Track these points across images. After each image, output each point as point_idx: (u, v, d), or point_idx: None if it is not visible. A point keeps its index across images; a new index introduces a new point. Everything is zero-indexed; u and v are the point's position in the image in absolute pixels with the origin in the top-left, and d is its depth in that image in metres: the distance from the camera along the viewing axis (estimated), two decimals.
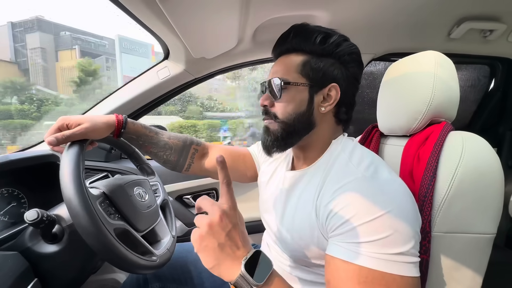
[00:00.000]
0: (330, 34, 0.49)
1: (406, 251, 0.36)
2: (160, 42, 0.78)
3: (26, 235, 0.52)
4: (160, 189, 0.74)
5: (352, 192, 0.40)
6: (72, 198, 0.43)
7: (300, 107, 0.49)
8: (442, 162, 0.47)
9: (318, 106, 0.50)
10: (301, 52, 0.50)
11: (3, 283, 0.44)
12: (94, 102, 0.95)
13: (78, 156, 0.48)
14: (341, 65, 0.50)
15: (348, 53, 0.49)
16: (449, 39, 0.91)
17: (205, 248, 0.36)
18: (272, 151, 0.53)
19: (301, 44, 0.50)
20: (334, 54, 0.49)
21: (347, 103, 0.51)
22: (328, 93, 0.49)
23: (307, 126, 0.50)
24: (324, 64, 0.49)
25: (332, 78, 0.49)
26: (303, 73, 0.49)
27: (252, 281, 0.34)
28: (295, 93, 0.49)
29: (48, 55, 30.30)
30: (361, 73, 0.54)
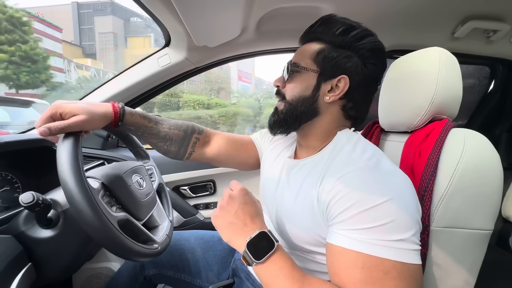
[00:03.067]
0: (354, 27, 0.49)
1: (407, 238, 0.37)
2: (161, 28, 0.76)
3: (21, 219, 0.51)
4: (155, 173, 0.73)
5: (354, 180, 0.41)
6: (75, 194, 0.41)
7: (305, 92, 0.50)
8: (443, 157, 0.48)
9: (324, 95, 0.50)
10: (321, 41, 0.51)
11: None
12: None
13: (75, 147, 0.45)
14: (358, 59, 0.49)
15: (368, 48, 0.49)
16: (452, 38, 0.91)
17: (219, 226, 0.46)
18: (275, 130, 0.55)
19: (322, 34, 0.51)
20: (353, 47, 0.49)
21: (356, 99, 0.51)
22: (337, 84, 0.49)
23: (310, 112, 0.51)
24: (338, 55, 0.49)
25: (343, 70, 0.49)
26: (316, 61, 0.50)
27: (252, 258, 0.40)
28: (304, 77, 0.51)
29: (118, 41, 27.96)
30: (381, 72, 0.53)
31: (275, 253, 0.41)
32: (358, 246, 0.37)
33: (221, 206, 0.47)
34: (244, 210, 0.45)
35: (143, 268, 0.75)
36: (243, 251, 0.41)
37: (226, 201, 0.47)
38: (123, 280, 0.75)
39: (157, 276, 0.75)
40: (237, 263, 0.69)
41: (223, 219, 0.46)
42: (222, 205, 0.47)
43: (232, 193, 0.48)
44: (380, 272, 0.36)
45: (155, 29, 29.61)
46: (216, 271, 0.72)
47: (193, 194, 1.12)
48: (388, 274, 0.36)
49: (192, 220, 1.07)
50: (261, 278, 0.41)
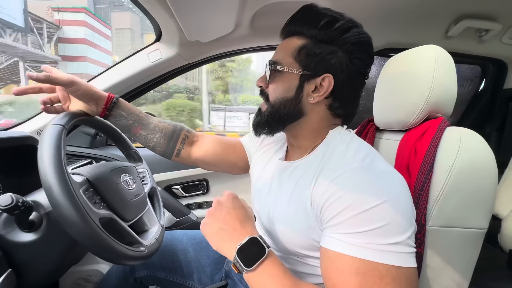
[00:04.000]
0: (337, 19, 0.45)
1: (402, 241, 0.36)
2: (152, 22, 0.74)
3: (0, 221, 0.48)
4: (147, 177, 0.70)
5: (347, 182, 0.39)
6: (53, 185, 0.39)
7: (288, 93, 0.48)
8: (439, 156, 0.47)
9: (308, 95, 0.47)
10: (302, 36, 0.47)
11: None
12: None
13: (58, 139, 0.44)
14: (343, 54, 0.46)
15: (353, 42, 0.45)
16: (446, 37, 0.91)
17: (208, 234, 0.44)
18: (259, 132, 0.53)
19: (303, 27, 0.47)
20: (337, 41, 0.45)
21: (342, 97, 0.48)
22: (321, 83, 0.46)
23: (294, 113, 0.48)
24: (321, 51, 0.45)
25: (327, 68, 0.45)
26: (297, 59, 0.47)
27: (242, 266, 0.39)
28: (285, 78, 0.48)
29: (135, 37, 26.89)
30: (368, 66, 0.49)
31: (266, 259, 0.39)
32: (352, 251, 0.36)
33: (209, 213, 0.46)
34: (232, 215, 0.44)
35: (134, 270, 0.72)
36: (233, 258, 0.40)
37: (214, 207, 0.46)
38: (113, 282, 0.73)
39: (148, 278, 0.73)
40: (230, 264, 0.67)
41: (212, 226, 0.44)
42: (211, 212, 0.46)
43: (220, 199, 0.47)
44: (375, 277, 0.35)
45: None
46: (209, 273, 0.70)
47: (185, 193, 1.10)
48: (383, 279, 0.35)
49: (184, 220, 1.05)
50: (252, 286, 0.40)
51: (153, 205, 0.68)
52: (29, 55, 13.15)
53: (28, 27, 12.83)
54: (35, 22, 13.88)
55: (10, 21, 12.03)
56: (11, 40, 12.04)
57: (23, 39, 12.72)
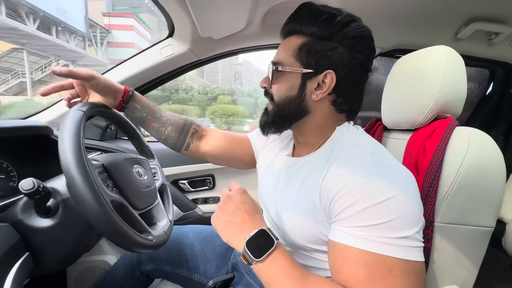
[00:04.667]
0: (335, 15, 0.45)
1: (410, 235, 0.37)
2: (166, 17, 0.75)
3: (18, 207, 0.49)
4: (159, 173, 0.72)
5: (357, 177, 0.40)
6: (71, 163, 0.41)
7: (291, 92, 0.48)
8: (448, 155, 0.48)
9: (311, 93, 0.48)
10: (302, 34, 0.48)
11: None
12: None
13: (79, 121, 0.46)
14: (344, 49, 0.45)
15: (353, 36, 0.45)
16: (455, 39, 0.91)
17: (218, 226, 0.45)
18: (266, 131, 0.54)
19: (301, 26, 0.47)
20: (337, 37, 0.45)
21: (346, 92, 0.48)
22: (323, 80, 0.46)
23: (299, 111, 0.49)
24: (322, 48, 0.46)
25: (328, 64, 0.46)
26: (298, 57, 0.47)
27: (251, 257, 0.40)
28: (288, 77, 0.49)
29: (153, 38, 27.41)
30: (370, 60, 0.49)
31: (275, 250, 0.40)
32: (361, 244, 0.37)
33: (219, 207, 0.47)
34: (241, 209, 0.45)
35: (140, 263, 0.73)
36: (243, 249, 0.41)
37: (223, 201, 0.47)
38: (119, 274, 0.74)
39: (155, 271, 0.74)
40: (237, 257, 0.68)
41: (221, 219, 0.45)
42: (220, 205, 0.47)
43: (229, 193, 0.48)
44: (383, 270, 0.36)
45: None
46: (215, 266, 0.71)
47: (192, 188, 1.11)
48: (391, 272, 0.36)
49: (190, 214, 1.06)
50: (261, 277, 0.40)
51: (163, 200, 0.69)
52: (80, 59, 13.57)
53: (89, 32, 13.43)
54: (89, 26, 14.54)
55: (75, 27, 12.79)
56: (74, 44, 12.51)
57: (84, 43, 13.29)
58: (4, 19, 10.86)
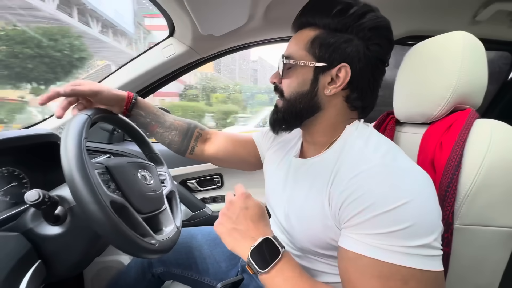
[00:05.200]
0: (351, 5, 0.43)
1: (428, 243, 0.34)
2: (165, 16, 0.73)
3: (28, 216, 0.50)
4: (167, 180, 0.71)
5: (368, 181, 0.37)
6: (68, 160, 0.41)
7: (303, 87, 0.46)
8: (467, 150, 0.45)
9: (324, 88, 0.45)
10: (315, 27, 0.45)
11: (6, 263, 0.43)
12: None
13: (82, 124, 0.46)
14: (359, 41, 0.43)
15: (370, 27, 0.42)
16: (473, 22, 0.85)
17: (221, 234, 0.44)
18: (277, 129, 0.51)
19: (314, 18, 0.45)
20: (352, 29, 0.43)
21: (361, 88, 0.45)
22: (337, 74, 0.44)
23: (310, 108, 0.47)
24: (336, 41, 0.43)
25: (343, 57, 0.43)
26: (311, 51, 0.45)
27: (256, 268, 0.38)
28: (299, 71, 0.46)
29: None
30: (387, 53, 0.47)
31: (281, 261, 0.39)
32: (374, 252, 0.34)
33: (222, 213, 0.45)
34: (245, 215, 0.43)
35: (151, 265, 0.74)
36: (247, 259, 0.39)
37: (226, 207, 0.45)
38: (131, 276, 0.76)
39: (165, 273, 0.74)
40: (244, 263, 0.68)
41: (224, 226, 0.44)
42: (223, 212, 0.45)
43: (233, 198, 0.46)
44: (398, 281, 0.33)
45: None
46: (224, 268, 0.71)
47: (200, 187, 1.11)
48: (407, 284, 0.33)
49: (199, 214, 1.06)
50: (268, 287, 0.39)
51: (171, 207, 0.68)
52: (122, 60, 14.17)
53: (136, 34, 13.89)
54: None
55: (127, 28, 13.31)
56: (125, 46, 13.01)
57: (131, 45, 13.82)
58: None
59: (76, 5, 11.23)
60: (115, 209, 0.43)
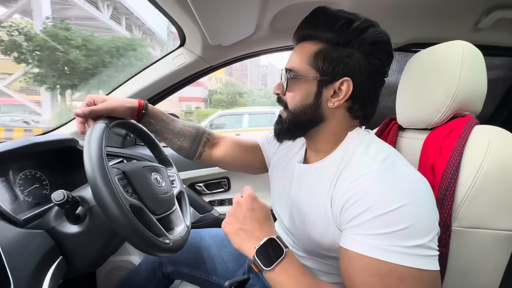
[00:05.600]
0: (352, 20, 0.44)
1: (424, 243, 0.36)
2: (177, 28, 0.77)
3: (51, 215, 0.54)
4: (177, 181, 0.74)
5: (368, 184, 0.40)
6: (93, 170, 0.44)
7: (307, 100, 0.48)
8: (466, 155, 0.46)
9: (327, 101, 0.47)
10: (317, 40, 0.47)
11: (32, 258, 0.46)
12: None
13: (101, 133, 0.50)
14: (361, 55, 0.45)
15: (371, 42, 0.44)
16: (475, 29, 0.86)
17: (228, 233, 0.45)
18: (281, 138, 0.54)
19: (317, 32, 0.46)
20: (354, 43, 0.44)
21: (362, 99, 0.47)
22: (339, 87, 0.46)
23: (314, 119, 0.49)
24: (338, 55, 0.45)
25: (345, 71, 0.45)
26: (314, 65, 0.46)
27: (261, 266, 0.40)
28: (303, 85, 0.48)
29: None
30: (387, 65, 0.49)
31: (284, 259, 0.40)
32: (373, 252, 0.36)
33: (229, 213, 0.47)
34: (251, 217, 0.44)
35: (161, 265, 0.77)
36: (252, 258, 0.41)
37: (234, 207, 0.47)
38: (142, 275, 0.79)
39: (175, 273, 0.77)
40: (250, 263, 0.70)
41: (231, 226, 0.45)
42: (231, 212, 0.47)
43: (240, 199, 0.47)
44: (395, 279, 0.35)
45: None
46: (231, 268, 0.73)
47: (208, 190, 1.14)
48: (404, 282, 0.35)
49: (207, 216, 1.09)
50: (272, 284, 0.41)
51: (181, 207, 0.72)
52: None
53: (168, 41, 14.31)
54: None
55: (163, 36, 13.72)
56: (158, 53, 13.43)
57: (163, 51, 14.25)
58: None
59: (124, 14, 11.71)
60: (134, 212, 0.47)
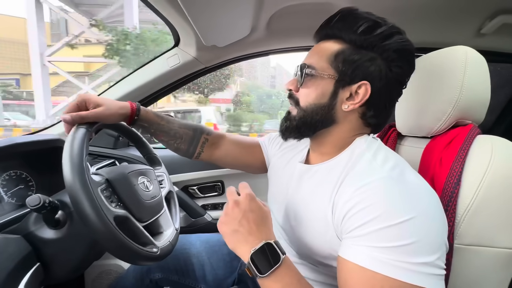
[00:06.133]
0: (379, 24, 0.43)
1: (431, 261, 0.34)
2: (170, 28, 0.76)
3: (31, 219, 0.52)
4: (166, 180, 0.72)
5: (375, 192, 0.37)
6: (72, 183, 0.42)
7: (321, 99, 0.46)
8: (467, 167, 0.44)
9: (342, 103, 0.45)
10: (340, 40, 0.45)
11: (5, 266, 0.44)
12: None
13: (82, 140, 0.47)
14: (382, 61, 0.43)
15: (395, 49, 0.43)
16: (478, 34, 0.84)
17: (224, 233, 0.43)
18: (286, 136, 0.51)
19: (341, 32, 0.45)
20: (377, 48, 0.43)
21: (378, 106, 0.46)
22: (357, 90, 0.44)
23: (325, 120, 0.47)
24: (360, 58, 0.43)
25: (365, 75, 0.44)
26: (333, 65, 0.45)
27: (255, 272, 0.38)
28: (319, 83, 0.46)
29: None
30: (407, 76, 0.47)
31: (281, 266, 0.38)
32: (376, 266, 0.34)
33: (225, 213, 0.44)
34: (249, 218, 0.42)
35: (149, 271, 0.75)
36: (247, 262, 0.39)
37: (230, 207, 0.44)
38: (130, 281, 0.76)
39: (163, 280, 0.75)
40: (243, 267, 0.67)
41: (227, 227, 0.43)
42: (227, 212, 0.44)
43: (237, 198, 0.44)
44: None
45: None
46: (221, 276, 0.71)
47: (201, 194, 1.12)
48: None
49: (199, 220, 1.07)
50: None
51: (170, 208, 0.70)
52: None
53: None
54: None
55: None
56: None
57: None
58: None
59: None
60: (118, 223, 0.45)
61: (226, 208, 0.44)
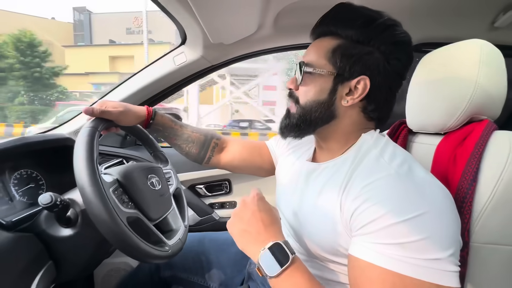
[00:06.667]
0: (375, 18, 0.43)
1: (444, 257, 0.33)
2: (177, 26, 0.76)
3: (42, 217, 0.52)
4: (173, 178, 0.73)
5: (383, 188, 0.37)
6: (86, 185, 0.43)
7: (320, 96, 0.46)
8: (484, 164, 0.42)
9: (341, 98, 0.45)
10: (337, 36, 0.45)
11: (17, 264, 0.44)
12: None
13: (92, 141, 0.47)
14: (380, 54, 0.43)
15: (392, 42, 0.43)
16: (492, 28, 0.81)
17: (233, 233, 0.44)
18: (286, 134, 0.51)
19: (337, 27, 0.45)
20: (374, 41, 0.43)
21: (378, 100, 0.46)
22: (356, 85, 0.44)
23: (326, 116, 0.47)
24: (358, 52, 0.43)
25: (363, 70, 0.43)
26: (331, 61, 0.45)
27: (265, 272, 0.38)
28: (318, 80, 0.46)
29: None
30: (406, 68, 0.47)
31: (291, 266, 0.38)
32: (387, 263, 0.34)
33: (234, 213, 0.45)
34: (257, 218, 0.42)
35: (159, 269, 0.75)
36: (257, 262, 0.39)
37: (240, 207, 0.45)
38: (139, 279, 0.77)
39: (172, 278, 0.75)
40: (252, 266, 0.67)
41: (236, 227, 0.43)
42: (236, 212, 0.45)
43: (246, 199, 0.45)
44: None
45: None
46: (230, 274, 0.71)
47: (208, 193, 1.12)
48: None
49: (207, 219, 1.07)
50: None
51: (178, 205, 0.70)
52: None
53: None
54: None
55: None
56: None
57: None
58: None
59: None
60: (130, 223, 0.46)
61: (235, 210, 0.45)
